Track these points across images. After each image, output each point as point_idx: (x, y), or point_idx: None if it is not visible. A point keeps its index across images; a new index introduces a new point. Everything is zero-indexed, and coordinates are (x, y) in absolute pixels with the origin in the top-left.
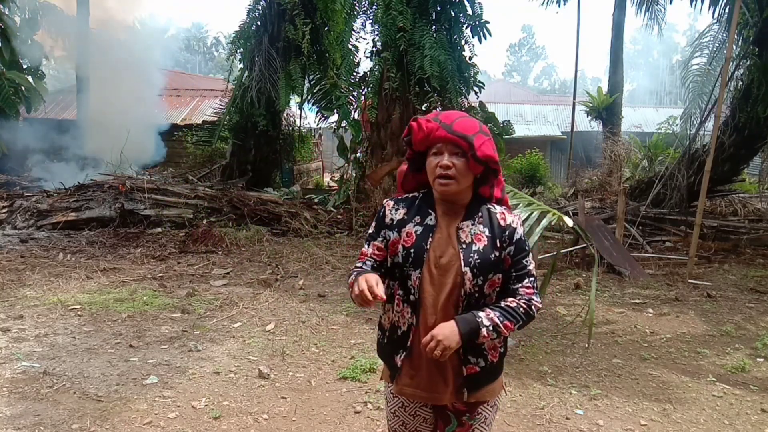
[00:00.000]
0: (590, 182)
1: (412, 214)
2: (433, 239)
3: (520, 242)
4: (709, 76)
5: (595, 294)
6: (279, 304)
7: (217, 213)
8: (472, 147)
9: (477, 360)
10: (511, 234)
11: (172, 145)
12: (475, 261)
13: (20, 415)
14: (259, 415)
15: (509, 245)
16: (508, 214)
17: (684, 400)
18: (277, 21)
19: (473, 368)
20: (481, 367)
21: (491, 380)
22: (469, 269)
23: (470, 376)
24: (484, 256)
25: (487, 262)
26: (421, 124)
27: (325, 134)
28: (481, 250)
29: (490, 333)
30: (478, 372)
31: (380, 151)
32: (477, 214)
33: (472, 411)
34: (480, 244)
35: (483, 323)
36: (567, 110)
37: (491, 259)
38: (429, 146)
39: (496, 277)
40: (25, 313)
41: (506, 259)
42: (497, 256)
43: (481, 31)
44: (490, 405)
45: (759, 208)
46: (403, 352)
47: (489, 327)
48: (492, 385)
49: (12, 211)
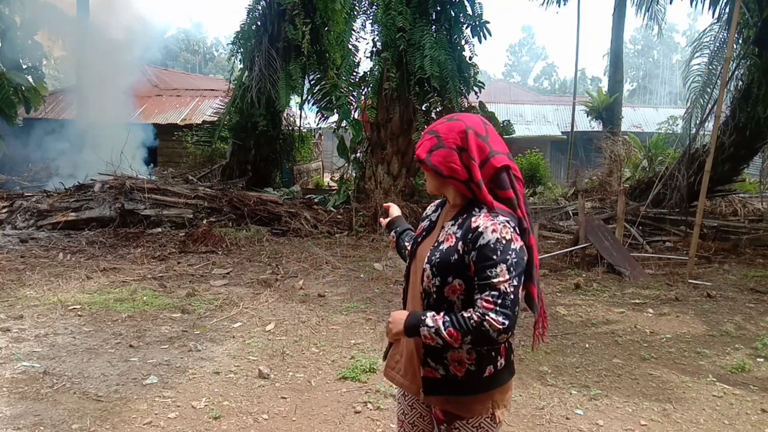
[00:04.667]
0: (590, 182)
1: (432, 211)
2: (428, 235)
3: (485, 249)
4: (710, 76)
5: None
6: (279, 304)
7: (217, 213)
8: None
9: (436, 366)
10: (475, 238)
11: (172, 145)
12: (435, 259)
13: (20, 415)
14: (259, 415)
15: (472, 250)
16: (483, 218)
17: (684, 400)
18: (277, 21)
19: (432, 372)
20: (441, 375)
21: (456, 393)
22: (429, 266)
23: (426, 378)
24: (444, 256)
25: (446, 263)
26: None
27: (325, 134)
28: (444, 249)
29: (431, 334)
30: (437, 379)
31: (380, 151)
32: (462, 216)
33: (450, 423)
34: (447, 243)
35: (426, 322)
36: (567, 110)
37: (451, 260)
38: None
39: (456, 282)
40: (25, 313)
41: (470, 264)
42: (457, 258)
43: (481, 31)
44: (471, 425)
45: (759, 208)
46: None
47: (431, 328)
48: (461, 398)
49: (12, 211)
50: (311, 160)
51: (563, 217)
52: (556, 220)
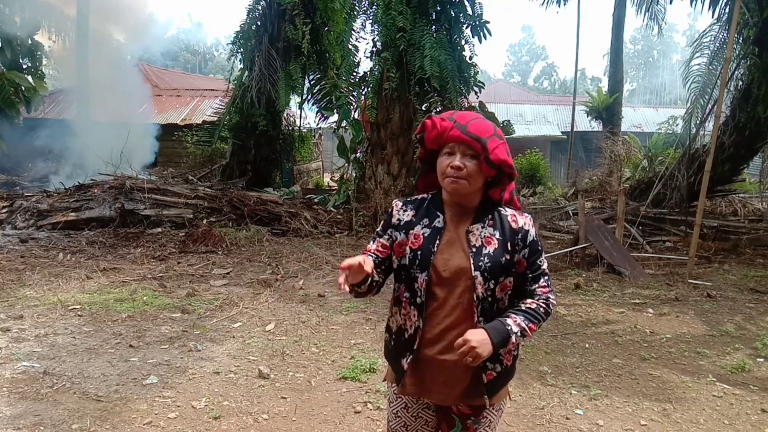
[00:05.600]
0: (590, 182)
1: (420, 216)
2: (441, 242)
3: (534, 244)
4: (710, 76)
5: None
6: (279, 304)
7: (217, 213)
8: (486, 150)
9: (494, 365)
10: (524, 236)
11: (172, 145)
12: (485, 265)
13: (20, 415)
14: (259, 415)
15: (523, 248)
16: (520, 217)
17: (684, 400)
18: (277, 21)
19: (491, 374)
20: (497, 372)
21: (505, 383)
22: (480, 273)
23: (489, 382)
24: (494, 260)
25: (498, 266)
26: (436, 122)
27: (325, 134)
28: (491, 253)
29: (518, 339)
30: (495, 377)
31: (380, 151)
32: (487, 217)
33: (477, 414)
34: (490, 247)
35: (512, 330)
36: (567, 110)
37: (502, 262)
38: (441, 145)
39: (507, 280)
40: (25, 313)
41: (521, 261)
42: (508, 259)
43: (481, 31)
44: (495, 409)
45: (759, 208)
46: (410, 356)
47: (518, 333)
48: (507, 385)
49: (12, 211)
50: (311, 160)
51: (563, 217)
52: (556, 220)
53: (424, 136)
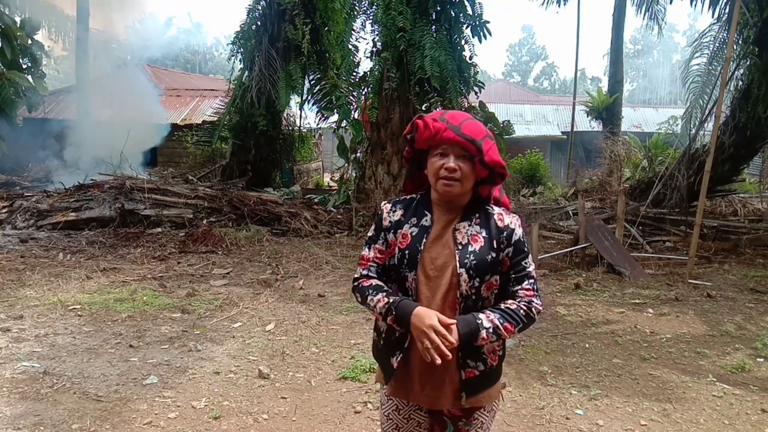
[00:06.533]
0: (590, 182)
1: (408, 215)
2: (428, 240)
3: (519, 243)
4: (710, 76)
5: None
6: (279, 304)
7: (217, 213)
8: (480, 152)
9: (476, 364)
10: (509, 235)
11: (172, 145)
12: (471, 262)
13: (20, 415)
14: (259, 415)
15: (507, 246)
16: (506, 215)
17: (684, 400)
18: (277, 21)
19: (472, 372)
20: (480, 371)
21: (490, 385)
22: (465, 270)
23: (468, 380)
24: (480, 257)
25: (484, 264)
26: (428, 122)
27: (325, 134)
28: (477, 251)
29: (489, 335)
30: (476, 376)
31: (380, 151)
32: (474, 215)
33: (469, 416)
34: (476, 245)
35: (483, 325)
36: (567, 110)
37: (488, 260)
38: (432, 146)
39: (493, 279)
40: (25, 313)
41: (504, 260)
42: (494, 257)
43: (481, 31)
44: (487, 410)
45: (759, 208)
46: (400, 354)
47: (489, 329)
48: (490, 390)
49: (12, 211)
50: (311, 160)
51: (563, 217)
52: (556, 220)
53: (415, 137)
